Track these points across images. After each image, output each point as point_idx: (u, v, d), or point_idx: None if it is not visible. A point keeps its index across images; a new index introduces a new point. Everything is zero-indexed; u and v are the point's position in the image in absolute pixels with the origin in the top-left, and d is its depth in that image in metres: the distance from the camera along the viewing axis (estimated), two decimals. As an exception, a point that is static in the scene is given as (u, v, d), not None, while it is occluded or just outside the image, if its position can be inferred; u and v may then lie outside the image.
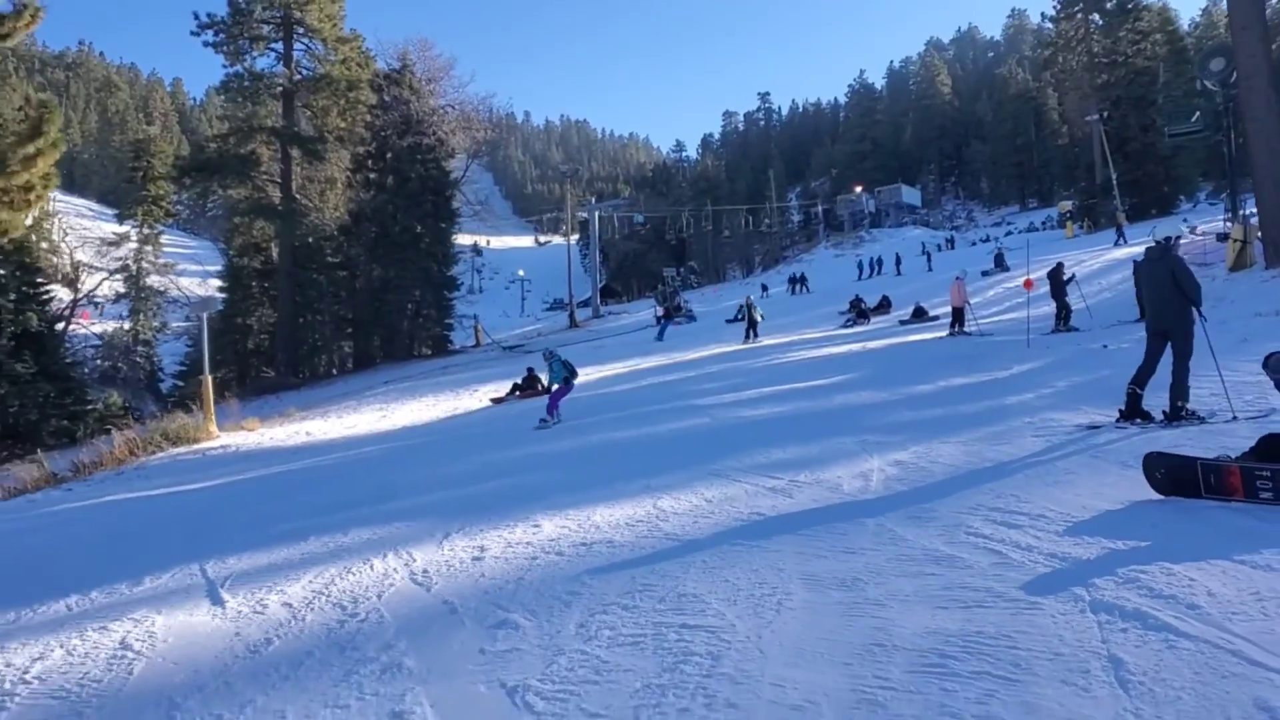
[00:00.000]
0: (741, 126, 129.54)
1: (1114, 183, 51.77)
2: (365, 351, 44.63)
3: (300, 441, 18.41)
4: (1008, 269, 33.53)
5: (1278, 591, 3.65)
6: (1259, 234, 17.99)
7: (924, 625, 3.67)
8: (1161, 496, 5.29)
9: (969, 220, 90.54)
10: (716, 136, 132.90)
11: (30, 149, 20.51)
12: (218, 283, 47.77)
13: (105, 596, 5.92)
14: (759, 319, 25.63)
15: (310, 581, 5.58)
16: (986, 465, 6.53)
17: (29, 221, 24.06)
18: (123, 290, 52.68)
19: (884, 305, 28.99)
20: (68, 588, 6.15)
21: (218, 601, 5.45)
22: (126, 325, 51.01)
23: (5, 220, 20.58)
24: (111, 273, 51.54)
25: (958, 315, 20.02)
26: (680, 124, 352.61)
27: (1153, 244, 7.87)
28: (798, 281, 50.29)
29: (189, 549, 7.06)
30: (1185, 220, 27.29)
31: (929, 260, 50.82)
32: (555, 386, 13.55)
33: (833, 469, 6.96)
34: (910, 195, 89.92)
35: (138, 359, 50.72)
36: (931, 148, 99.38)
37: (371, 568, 5.76)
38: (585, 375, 19.70)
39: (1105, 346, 12.99)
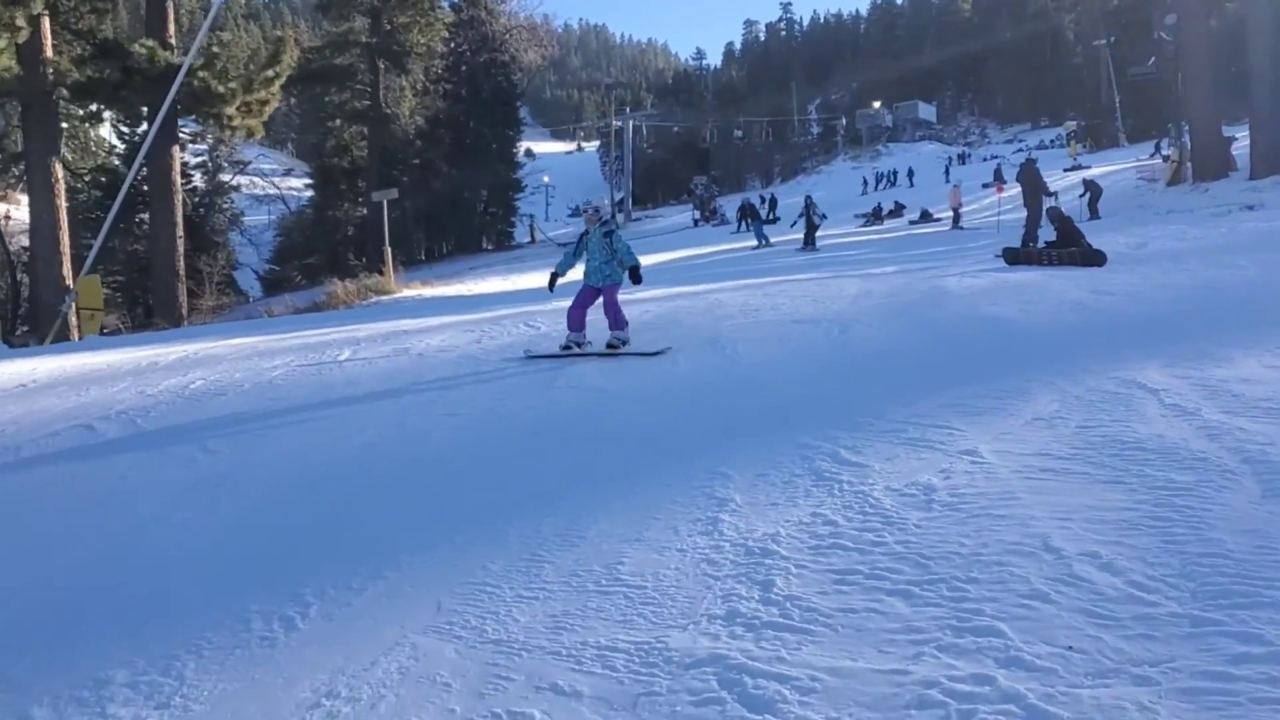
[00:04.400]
0: (763, 36, 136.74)
1: (1117, 105, 60.65)
2: (437, 244, 54.14)
3: (465, 295, 27.63)
4: (1005, 182, 42.75)
5: (1007, 281, 13.39)
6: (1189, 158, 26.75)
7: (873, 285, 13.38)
8: (1007, 265, 14.94)
9: (982, 137, 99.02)
10: (738, 45, 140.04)
11: (270, 73, 29.80)
12: (299, 181, 56.96)
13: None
14: (818, 221, 24.59)
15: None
16: (934, 274, 16.27)
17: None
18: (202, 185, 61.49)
19: (897, 210, 38.52)
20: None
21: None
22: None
23: (250, 125, 29.96)
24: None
25: (955, 215, 29.54)
26: (701, 30, 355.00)
27: (1027, 158, 17.45)
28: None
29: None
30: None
31: (947, 173, 59.47)
32: (605, 285, 8.29)
33: (836, 277, 16.60)
34: (926, 111, 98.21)
35: (213, 248, 59.73)
36: (950, 64, 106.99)
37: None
38: (658, 258, 28.96)
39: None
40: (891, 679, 2.61)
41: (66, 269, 25.93)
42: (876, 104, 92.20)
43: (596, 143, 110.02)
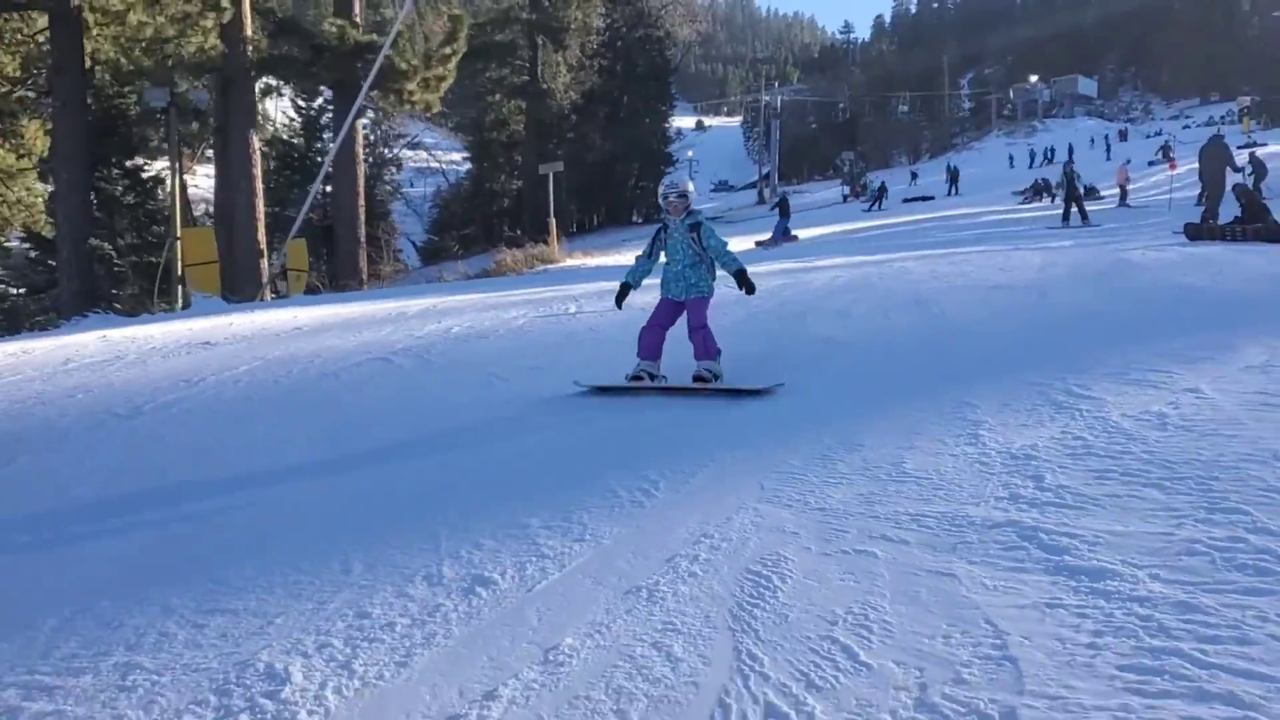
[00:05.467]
0: (914, 9, 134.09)
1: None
2: (588, 216, 55.71)
3: (629, 264, 28.79)
4: (1172, 159, 41.56)
5: (1193, 254, 13.60)
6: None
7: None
8: (1189, 240, 15.11)
9: (1146, 112, 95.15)
10: (888, 18, 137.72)
11: (447, 50, 31.36)
12: (458, 155, 59.26)
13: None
14: (1082, 190, 22.49)
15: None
16: (1114, 248, 16.46)
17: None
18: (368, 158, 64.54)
19: (1045, 186, 37.81)
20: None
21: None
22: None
23: (428, 99, 31.62)
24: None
25: (1122, 192, 29.21)
26: (849, 3, 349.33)
27: (1214, 133, 17.44)
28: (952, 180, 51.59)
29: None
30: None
31: (1108, 150, 57.95)
32: (689, 299, 6.35)
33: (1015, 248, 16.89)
34: (1086, 86, 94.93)
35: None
36: (1113, 36, 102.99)
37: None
38: (818, 230, 29.38)
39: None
40: (1160, 538, 3.37)
41: (262, 234, 28.04)
42: (1033, 78, 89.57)
43: (738, 118, 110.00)
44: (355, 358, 7.91)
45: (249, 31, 28.14)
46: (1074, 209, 20.96)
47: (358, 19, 29.71)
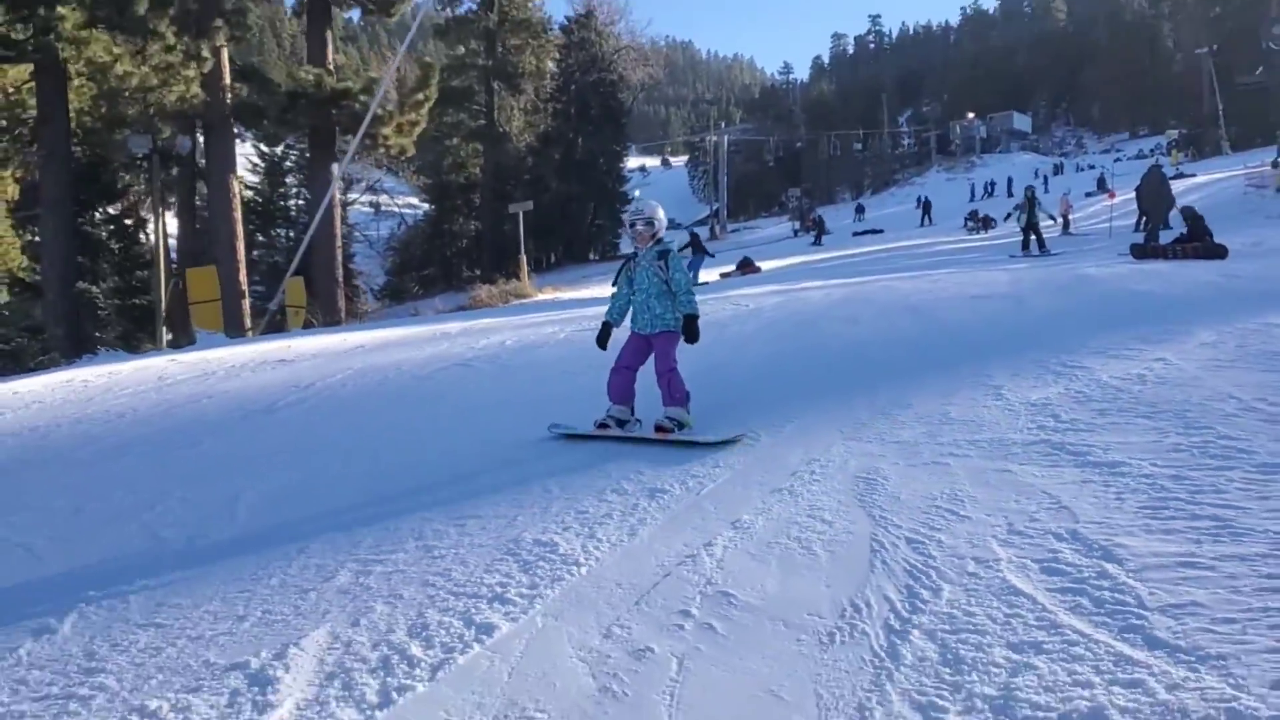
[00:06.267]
0: (851, 50, 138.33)
1: (1220, 114, 61.16)
2: (545, 254, 57.08)
3: (601, 296, 29.88)
4: (1108, 190, 43.91)
5: (1142, 269, 15.27)
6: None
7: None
8: (1135, 259, 16.80)
9: (1079, 147, 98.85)
10: (826, 59, 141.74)
11: (420, 96, 32.68)
12: (414, 197, 60.42)
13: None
14: (1043, 219, 21.78)
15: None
16: (1069, 267, 18.15)
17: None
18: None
19: (985, 219, 39.59)
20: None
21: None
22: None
23: (403, 143, 32.86)
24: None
25: (1065, 221, 31.19)
26: (788, 46, 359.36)
27: (1153, 164, 19.28)
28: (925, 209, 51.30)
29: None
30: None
31: (1046, 183, 60.56)
32: (655, 332, 6.06)
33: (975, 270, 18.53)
34: (1021, 121, 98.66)
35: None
36: (1045, 73, 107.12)
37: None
38: (780, 262, 30.97)
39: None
40: (1153, 444, 4.72)
41: (243, 275, 28.93)
42: (970, 115, 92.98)
43: (684, 158, 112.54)
44: (435, 365, 9.09)
45: (227, 80, 29.14)
46: (1033, 237, 21.06)
47: (331, 67, 30.82)
